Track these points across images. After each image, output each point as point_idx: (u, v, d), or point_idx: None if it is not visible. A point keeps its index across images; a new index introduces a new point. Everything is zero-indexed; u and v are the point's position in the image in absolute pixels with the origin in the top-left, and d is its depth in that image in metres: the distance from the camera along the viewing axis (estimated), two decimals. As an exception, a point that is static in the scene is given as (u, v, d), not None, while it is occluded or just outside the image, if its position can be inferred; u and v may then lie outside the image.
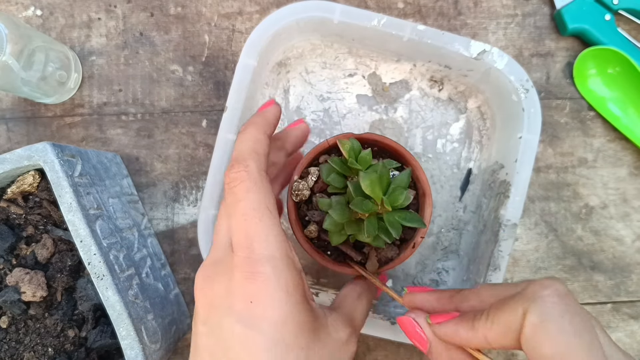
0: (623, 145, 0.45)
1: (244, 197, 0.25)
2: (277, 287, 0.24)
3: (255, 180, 0.26)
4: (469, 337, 0.23)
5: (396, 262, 0.33)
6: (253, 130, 0.28)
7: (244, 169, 0.26)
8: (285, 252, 0.25)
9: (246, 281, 0.24)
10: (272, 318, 0.23)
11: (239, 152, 0.27)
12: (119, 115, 0.45)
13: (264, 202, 0.25)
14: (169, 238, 0.45)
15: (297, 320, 0.24)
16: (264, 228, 0.25)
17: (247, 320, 0.23)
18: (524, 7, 0.46)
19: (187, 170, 0.45)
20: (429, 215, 0.33)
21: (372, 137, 0.34)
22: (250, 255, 0.24)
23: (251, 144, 0.28)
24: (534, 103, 0.38)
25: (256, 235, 0.24)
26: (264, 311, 0.23)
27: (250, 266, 0.24)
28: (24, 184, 0.36)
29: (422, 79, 0.44)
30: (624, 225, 0.45)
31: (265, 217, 0.25)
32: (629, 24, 0.46)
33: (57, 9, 0.46)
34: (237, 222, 0.25)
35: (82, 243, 0.33)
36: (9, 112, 0.46)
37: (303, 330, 0.24)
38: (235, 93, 0.38)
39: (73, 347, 0.37)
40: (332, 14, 0.39)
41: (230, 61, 0.46)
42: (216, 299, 0.25)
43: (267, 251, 0.24)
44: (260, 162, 0.27)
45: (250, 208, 0.25)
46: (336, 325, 0.27)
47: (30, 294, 0.35)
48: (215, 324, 0.24)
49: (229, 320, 0.23)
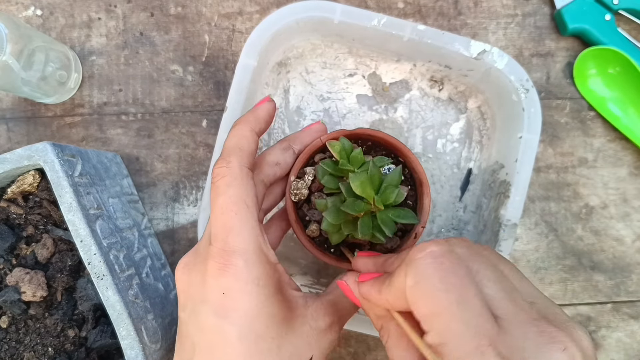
0: (623, 145, 0.45)
1: (223, 192, 0.26)
2: (248, 279, 0.25)
3: (235, 176, 0.27)
4: (378, 298, 0.24)
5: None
6: (240, 127, 0.29)
7: (226, 165, 0.27)
8: (259, 246, 0.26)
9: (219, 272, 0.25)
10: (242, 309, 0.24)
11: (225, 148, 0.28)
12: (119, 115, 0.45)
13: (242, 196, 0.26)
14: (169, 238, 0.45)
15: (268, 311, 0.25)
16: (240, 222, 0.26)
17: (220, 311, 0.24)
18: (524, 7, 0.46)
19: (187, 170, 0.45)
20: (428, 205, 0.33)
21: (364, 132, 0.34)
22: (224, 247, 0.25)
23: (236, 140, 0.28)
24: (534, 103, 0.38)
25: (231, 228, 0.25)
26: (235, 303, 0.24)
27: (223, 258, 0.25)
28: (24, 183, 0.36)
29: (422, 79, 0.44)
30: (624, 225, 0.45)
31: (242, 211, 0.26)
32: (629, 24, 0.46)
33: (57, 9, 0.46)
34: (215, 215, 0.26)
35: (82, 243, 0.33)
36: (9, 112, 0.46)
37: (274, 320, 0.25)
38: (235, 93, 0.38)
39: (73, 347, 0.37)
40: (332, 14, 0.39)
41: (230, 61, 0.46)
42: (192, 287, 0.26)
43: (241, 244, 0.25)
44: (242, 158, 0.28)
45: (228, 202, 0.26)
46: (317, 314, 0.28)
47: (30, 293, 0.35)
48: (192, 312, 0.26)
49: (204, 309, 0.25)
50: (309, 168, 0.33)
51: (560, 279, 0.45)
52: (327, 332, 0.28)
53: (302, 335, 0.26)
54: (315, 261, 0.44)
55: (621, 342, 0.45)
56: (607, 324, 0.45)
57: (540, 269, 0.45)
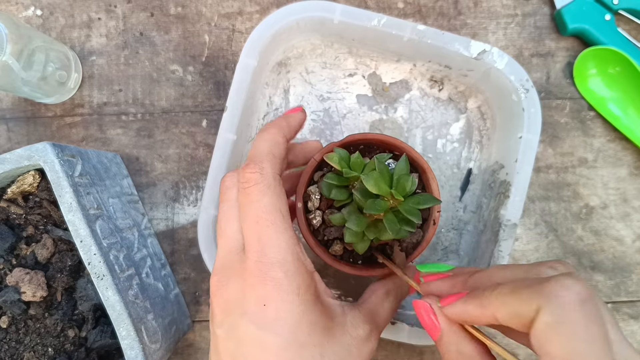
0: (623, 145, 0.45)
1: (257, 200, 0.25)
2: (288, 290, 0.24)
3: (269, 184, 0.26)
4: (478, 314, 0.23)
5: (423, 244, 0.33)
6: (274, 131, 0.28)
7: (259, 171, 0.26)
8: (297, 256, 0.25)
9: (259, 285, 0.24)
10: (285, 319, 0.24)
11: (256, 152, 0.27)
12: (119, 115, 0.45)
13: (277, 206, 0.26)
14: (169, 238, 0.45)
15: (310, 319, 0.25)
16: (276, 232, 0.25)
17: (262, 322, 0.24)
18: (524, 7, 0.46)
19: (187, 170, 0.45)
20: (437, 188, 0.32)
21: (354, 138, 0.34)
22: (262, 259, 0.24)
23: (269, 145, 0.28)
24: (534, 103, 0.38)
25: (268, 240, 0.25)
26: (277, 313, 0.24)
27: (262, 271, 0.24)
28: (24, 184, 0.36)
29: (422, 79, 0.44)
30: (624, 225, 0.45)
31: (278, 221, 0.25)
32: (629, 24, 0.46)
33: (57, 9, 0.46)
34: (249, 226, 0.25)
35: (82, 243, 0.33)
36: (9, 112, 0.46)
37: (316, 328, 0.25)
38: (235, 93, 0.38)
39: (73, 347, 0.37)
40: (332, 14, 0.39)
41: (230, 61, 0.46)
42: (231, 303, 0.25)
43: (279, 256, 0.25)
44: (275, 165, 0.27)
45: (263, 212, 0.25)
46: (355, 322, 0.27)
47: (30, 294, 0.35)
48: (231, 327, 0.25)
49: (244, 322, 0.24)
50: (312, 188, 0.33)
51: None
52: (367, 341, 0.27)
53: (343, 344, 0.26)
54: (317, 261, 0.44)
55: (621, 342, 0.45)
56: (607, 324, 0.45)
57: (540, 269, 0.45)
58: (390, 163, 0.33)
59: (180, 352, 0.44)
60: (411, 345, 0.44)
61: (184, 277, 0.45)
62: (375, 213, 0.28)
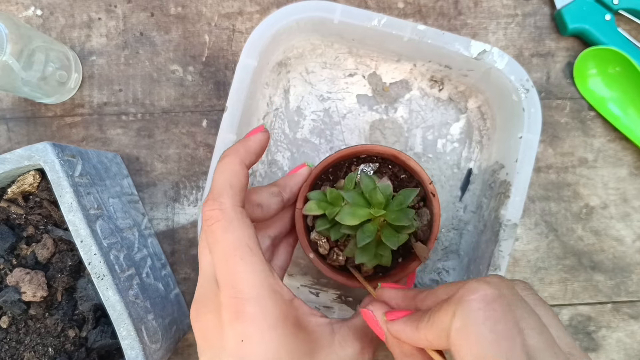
0: (623, 145, 0.45)
1: (221, 238, 0.25)
2: (264, 324, 0.24)
3: (230, 219, 0.25)
4: (414, 337, 0.24)
5: (435, 219, 0.34)
6: (230, 160, 0.28)
7: (218, 207, 0.26)
8: (272, 288, 0.25)
9: (235, 322, 0.24)
10: (263, 354, 0.24)
11: (214, 186, 0.27)
12: (119, 115, 0.45)
13: (243, 240, 0.25)
14: (169, 238, 0.45)
15: (288, 349, 0.25)
16: (246, 267, 0.25)
17: (239, 358, 0.24)
18: (524, 7, 0.46)
19: (187, 170, 0.45)
20: (421, 169, 0.34)
21: (336, 157, 0.35)
22: (237, 295, 0.24)
23: (227, 177, 0.27)
24: (534, 103, 0.38)
25: (239, 274, 0.25)
26: (255, 348, 0.24)
27: (236, 307, 0.24)
28: (24, 184, 0.36)
29: (422, 79, 0.44)
30: (624, 225, 0.45)
31: (247, 255, 0.25)
32: (629, 24, 0.46)
33: (57, 9, 0.46)
34: (218, 262, 0.25)
35: (82, 243, 0.33)
36: (9, 112, 0.46)
37: (296, 357, 0.25)
38: (235, 93, 0.38)
39: (73, 347, 0.37)
40: (332, 14, 0.39)
41: (230, 61, 0.46)
42: (210, 335, 0.25)
43: (254, 292, 0.24)
44: (235, 197, 0.26)
45: (229, 249, 0.25)
46: (344, 340, 0.27)
47: (30, 294, 0.35)
48: (212, 357, 0.25)
49: (224, 357, 0.24)
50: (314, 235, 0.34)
51: (560, 279, 0.45)
52: (359, 358, 0.27)
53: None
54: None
55: (621, 342, 0.45)
56: (607, 324, 0.45)
57: (541, 269, 0.45)
58: (369, 171, 0.34)
59: (181, 352, 0.44)
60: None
61: (184, 277, 0.45)
62: (371, 239, 0.29)
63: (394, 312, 0.26)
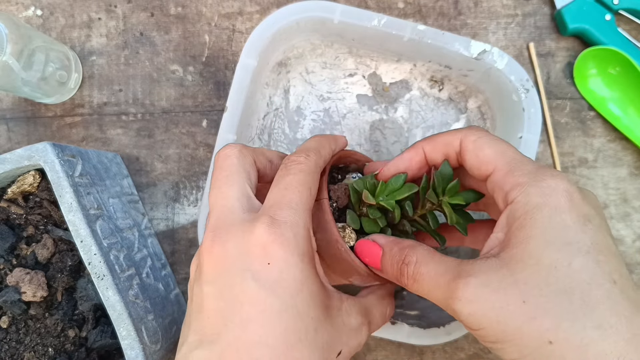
0: (623, 145, 0.45)
1: (294, 173, 0.26)
2: (294, 251, 0.24)
3: (310, 168, 0.27)
4: (411, 155, 0.29)
5: None
6: (325, 139, 0.30)
7: (305, 156, 0.27)
8: (308, 226, 0.26)
9: (267, 240, 0.24)
10: (287, 282, 0.23)
11: (306, 146, 0.29)
12: (119, 115, 0.45)
13: (309, 184, 0.27)
14: (170, 238, 0.45)
15: (311, 290, 0.24)
16: (300, 199, 0.25)
17: (264, 280, 0.23)
18: (524, 7, 0.46)
19: (187, 170, 0.45)
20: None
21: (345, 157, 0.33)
22: (277, 215, 0.24)
23: (318, 145, 0.29)
24: (534, 103, 0.38)
25: (289, 201, 0.25)
26: (281, 274, 0.23)
27: (273, 227, 0.24)
28: (24, 184, 0.36)
29: (422, 79, 0.44)
30: (624, 225, 0.45)
31: (305, 193, 0.26)
32: (629, 24, 0.46)
33: (57, 9, 0.46)
34: (277, 189, 0.26)
35: (82, 243, 0.33)
36: (9, 112, 0.46)
37: (315, 301, 0.24)
38: (235, 93, 0.38)
39: (73, 347, 0.37)
40: (332, 14, 0.39)
41: (230, 61, 0.46)
42: (228, 260, 0.24)
43: (294, 217, 0.25)
44: (319, 160, 0.28)
45: (296, 182, 0.26)
46: (350, 310, 0.27)
47: (30, 294, 0.35)
48: (226, 285, 0.24)
49: (244, 279, 0.23)
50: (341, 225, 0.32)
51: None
52: (357, 332, 0.27)
53: (336, 326, 0.26)
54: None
55: (621, 342, 0.45)
56: (607, 324, 0.45)
57: (541, 269, 0.45)
58: (354, 176, 0.34)
59: (181, 352, 0.44)
60: (411, 345, 0.44)
61: (184, 277, 0.45)
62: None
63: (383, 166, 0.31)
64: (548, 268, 0.21)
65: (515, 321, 0.21)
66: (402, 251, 0.26)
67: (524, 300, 0.21)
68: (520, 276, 0.21)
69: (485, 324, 0.22)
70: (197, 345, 0.23)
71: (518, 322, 0.21)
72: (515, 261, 0.22)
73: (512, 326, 0.21)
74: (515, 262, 0.22)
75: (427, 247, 0.26)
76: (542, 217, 0.22)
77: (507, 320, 0.21)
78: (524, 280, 0.21)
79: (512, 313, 0.21)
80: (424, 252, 0.26)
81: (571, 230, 0.22)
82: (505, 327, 0.21)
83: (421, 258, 0.26)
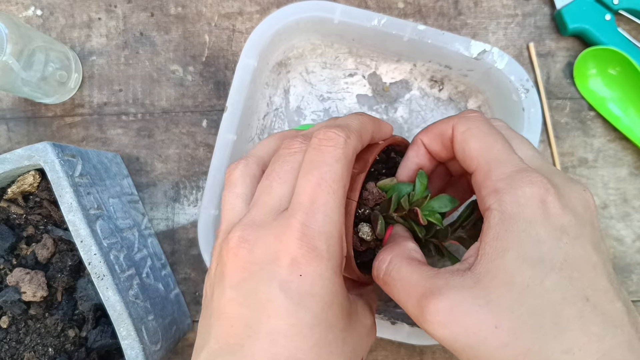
0: (623, 145, 0.45)
1: (329, 163, 0.24)
2: (328, 266, 0.23)
3: (347, 154, 0.24)
4: (414, 153, 0.30)
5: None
6: (371, 121, 0.28)
7: (345, 137, 0.24)
8: (341, 235, 0.24)
9: (299, 251, 0.22)
10: (319, 296, 0.22)
11: (348, 123, 0.26)
12: (119, 115, 0.45)
13: (344, 179, 0.24)
14: (169, 238, 0.45)
15: (340, 302, 0.23)
16: (334, 202, 0.23)
17: (294, 293, 0.22)
18: (524, 7, 0.46)
19: (187, 170, 0.45)
20: None
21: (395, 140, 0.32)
22: (310, 224, 0.23)
23: (362, 126, 0.26)
24: (534, 103, 0.38)
25: (323, 206, 0.23)
26: (312, 288, 0.22)
27: (306, 236, 0.22)
28: (24, 184, 0.36)
29: (422, 79, 0.44)
30: (624, 225, 0.45)
31: (339, 194, 0.24)
32: (629, 24, 0.46)
33: (57, 9, 0.46)
34: (310, 185, 0.23)
35: (82, 243, 0.33)
36: (9, 112, 0.46)
37: (343, 312, 0.24)
38: (235, 93, 0.38)
39: (73, 347, 0.37)
40: (332, 14, 0.39)
41: (230, 61, 0.46)
42: (255, 264, 0.23)
43: (328, 227, 0.23)
44: (358, 144, 0.26)
45: (330, 177, 0.23)
46: (364, 312, 0.27)
47: (30, 294, 0.35)
48: (251, 291, 0.22)
49: (271, 289, 0.22)
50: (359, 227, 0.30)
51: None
52: (371, 331, 0.27)
53: (357, 331, 0.25)
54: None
55: (621, 342, 0.45)
56: (607, 324, 0.45)
57: (541, 269, 0.45)
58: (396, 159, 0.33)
59: (181, 352, 0.44)
60: (411, 345, 0.44)
61: (184, 277, 0.45)
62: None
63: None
64: (521, 287, 0.21)
65: (488, 347, 0.20)
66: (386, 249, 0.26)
67: (496, 325, 0.20)
68: (493, 297, 0.21)
69: (458, 348, 0.21)
70: (218, 353, 0.22)
71: (491, 349, 0.20)
72: (489, 278, 0.21)
73: (485, 352, 0.21)
74: (490, 280, 0.21)
75: (407, 249, 0.26)
76: (517, 229, 0.22)
77: (480, 346, 0.21)
78: (497, 300, 0.21)
79: (485, 339, 0.20)
80: (400, 253, 0.25)
81: (545, 245, 0.21)
82: (477, 352, 0.21)
83: (395, 259, 0.25)
